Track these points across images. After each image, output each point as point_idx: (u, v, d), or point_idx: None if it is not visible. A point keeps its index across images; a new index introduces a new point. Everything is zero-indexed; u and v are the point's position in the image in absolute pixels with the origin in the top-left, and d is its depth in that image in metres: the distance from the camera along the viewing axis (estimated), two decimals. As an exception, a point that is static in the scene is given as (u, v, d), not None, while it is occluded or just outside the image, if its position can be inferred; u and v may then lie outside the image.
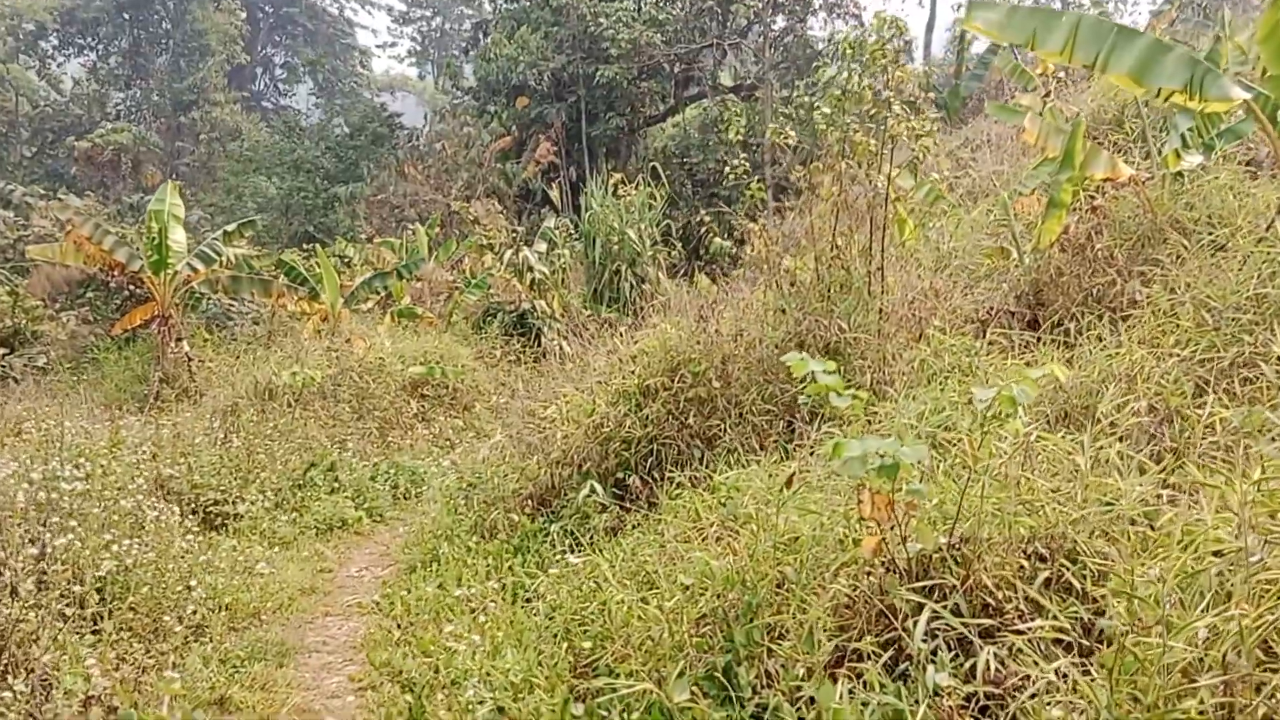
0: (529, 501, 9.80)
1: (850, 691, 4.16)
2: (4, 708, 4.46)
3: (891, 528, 4.90)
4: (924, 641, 4.34)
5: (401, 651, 6.98)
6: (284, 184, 36.53)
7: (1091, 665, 4.00)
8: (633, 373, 9.54)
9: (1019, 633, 4.37)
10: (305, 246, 27.26)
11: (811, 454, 7.06)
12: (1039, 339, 8.10)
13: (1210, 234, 8.25)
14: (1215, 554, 4.13)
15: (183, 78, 50.84)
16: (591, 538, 8.41)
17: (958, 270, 10.92)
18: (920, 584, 4.72)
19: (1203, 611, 3.83)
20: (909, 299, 9.43)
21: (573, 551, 8.18)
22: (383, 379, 17.08)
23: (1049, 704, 3.86)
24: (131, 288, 22.13)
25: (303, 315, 20.54)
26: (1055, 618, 4.31)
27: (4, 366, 18.66)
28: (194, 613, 7.46)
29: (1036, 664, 4.16)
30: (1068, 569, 4.71)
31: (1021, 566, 4.73)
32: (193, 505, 10.71)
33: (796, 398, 8.60)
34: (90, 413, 14.04)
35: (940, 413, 6.92)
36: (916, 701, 4.15)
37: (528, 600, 7.35)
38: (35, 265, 19.21)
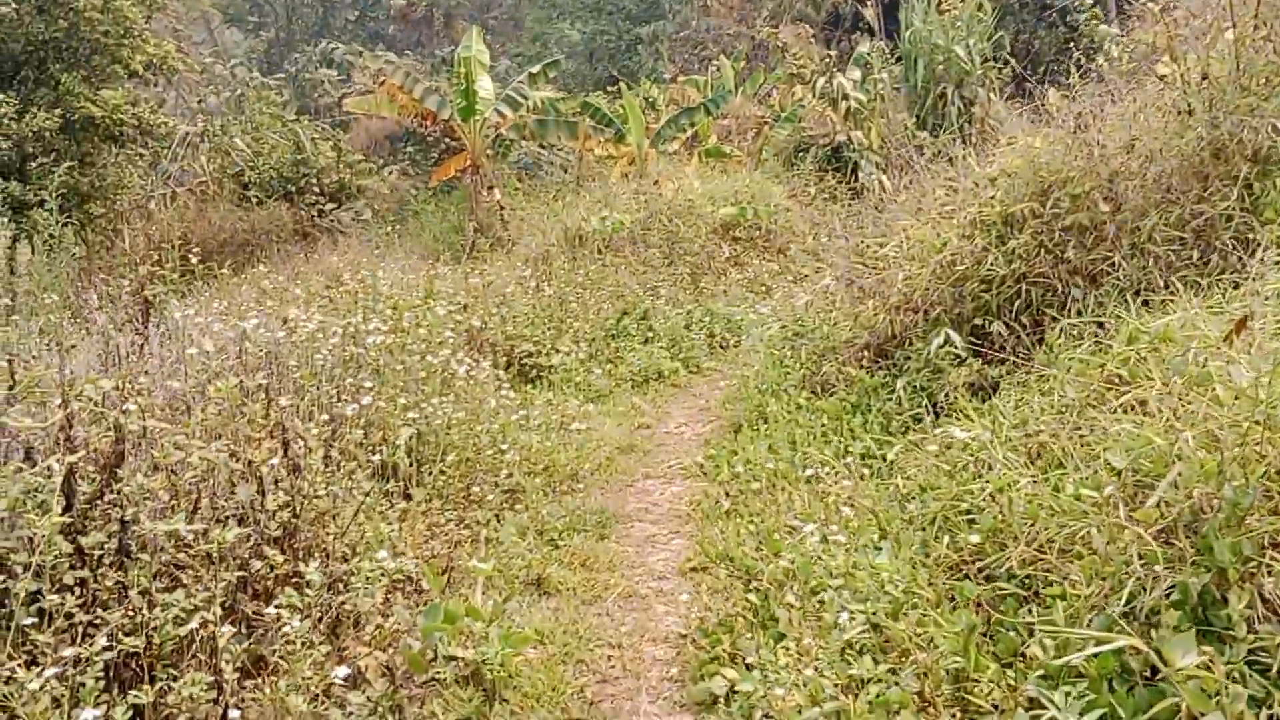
0: (865, 352, 8.57)
1: None
2: (296, 602, 3.86)
3: None
4: None
5: (735, 529, 6.04)
6: (587, 28, 36.00)
7: None
8: (992, 199, 7.95)
9: None
10: (609, 89, 26.54)
11: (1257, 293, 5.38)
12: None
13: None
14: None
15: (487, -72, 51.02)
16: (949, 396, 7.12)
17: None
18: None
19: None
20: (1366, 88, 7.22)
21: (928, 413, 6.92)
22: (692, 222, 16.13)
23: None
24: (446, 140, 22.32)
25: (609, 159, 19.88)
26: None
27: (332, 220, 19.24)
28: (508, 476, 6.85)
29: None
30: None
31: None
32: (506, 357, 10.25)
33: (1214, 221, 6.80)
34: (408, 264, 13.98)
35: None
36: None
37: (879, 474, 6.19)
38: (355, 120, 19.49)
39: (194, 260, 9.78)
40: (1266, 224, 6.37)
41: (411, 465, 6.36)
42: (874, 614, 3.94)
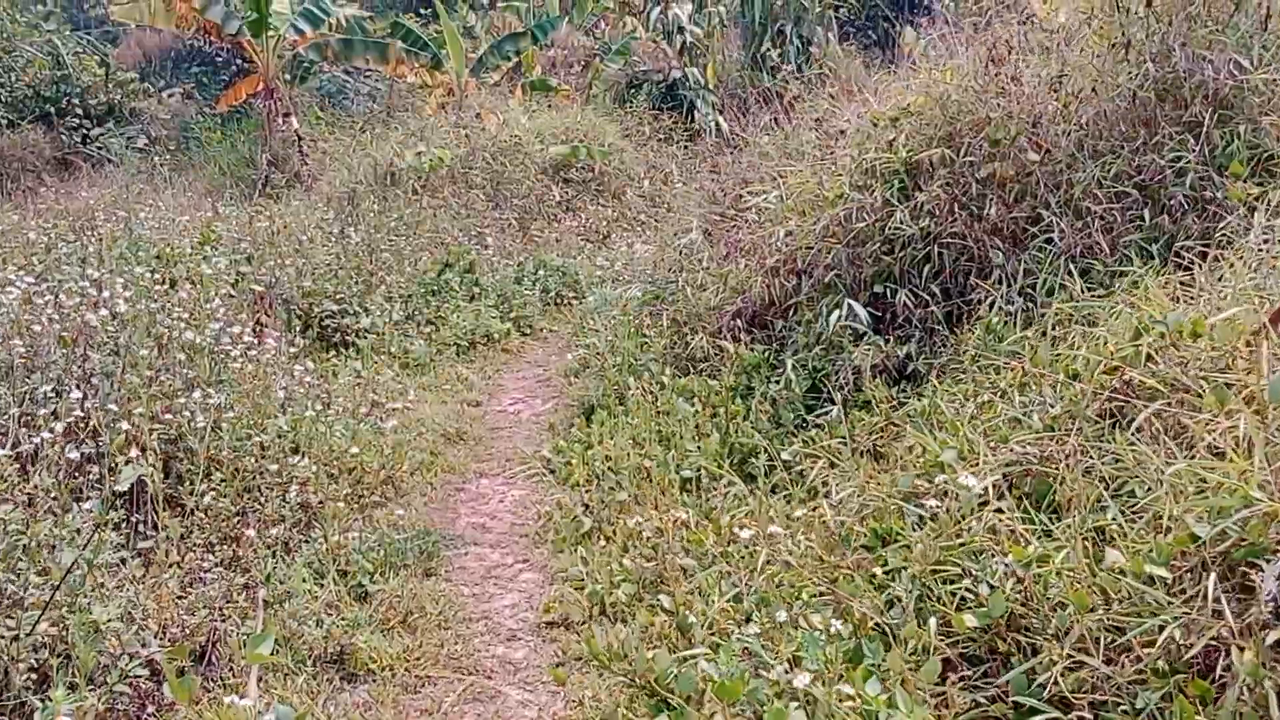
0: (737, 321, 7.25)
1: None
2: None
3: None
4: None
5: (604, 562, 4.63)
6: (397, -57, 33.20)
7: None
8: (892, 144, 6.72)
9: None
10: (422, 13, 24.26)
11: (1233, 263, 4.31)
12: None
13: None
14: None
15: None
16: (847, 380, 5.90)
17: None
18: None
19: None
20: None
21: (841, 404, 5.66)
22: (520, 161, 14.46)
23: None
24: (239, 61, 19.81)
25: (424, 88, 17.91)
26: None
27: (100, 147, 16.57)
28: (298, 493, 5.18)
29: None
30: None
31: None
32: (304, 319, 8.48)
33: (1164, 174, 5.72)
34: (188, 201, 11.85)
35: None
36: None
37: (783, 487, 4.88)
38: (126, 31, 16.79)
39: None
40: (1233, 178, 5.32)
41: (169, 481, 4.69)
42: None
